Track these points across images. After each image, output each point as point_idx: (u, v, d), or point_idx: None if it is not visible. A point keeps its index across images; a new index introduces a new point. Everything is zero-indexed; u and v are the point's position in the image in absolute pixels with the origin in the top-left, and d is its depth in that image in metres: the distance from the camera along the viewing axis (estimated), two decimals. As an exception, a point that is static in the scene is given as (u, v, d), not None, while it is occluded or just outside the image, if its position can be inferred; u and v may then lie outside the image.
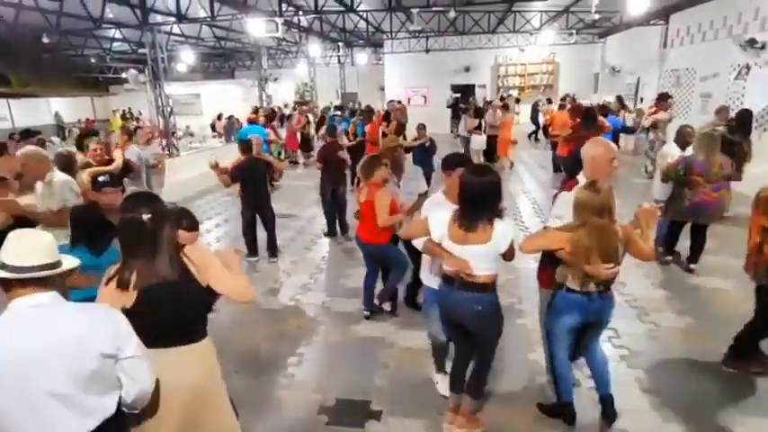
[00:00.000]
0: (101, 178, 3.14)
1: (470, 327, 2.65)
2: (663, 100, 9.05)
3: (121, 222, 1.88)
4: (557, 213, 2.79)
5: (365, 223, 4.02)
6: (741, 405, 3.05)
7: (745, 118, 6.75)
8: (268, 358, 3.77)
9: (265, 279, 5.35)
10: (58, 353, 1.43)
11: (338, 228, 6.66)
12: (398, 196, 4.03)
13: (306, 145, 13.24)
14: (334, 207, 6.59)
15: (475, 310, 2.54)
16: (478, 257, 2.46)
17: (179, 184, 10.71)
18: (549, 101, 15.49)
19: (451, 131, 17.11)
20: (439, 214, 2.58)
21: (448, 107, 17.64)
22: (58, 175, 3.68)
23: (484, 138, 10.81)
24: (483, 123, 11.01)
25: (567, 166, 7.88)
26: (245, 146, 5.73)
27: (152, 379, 1.65)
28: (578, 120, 7.61)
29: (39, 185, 3.63)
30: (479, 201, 2.42)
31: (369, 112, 10.60)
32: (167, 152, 10.83)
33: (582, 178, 2.76)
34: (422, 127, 8.14)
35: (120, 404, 1.60)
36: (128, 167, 5.92)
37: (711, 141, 4.63)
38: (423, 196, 4.03)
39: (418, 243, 2.77)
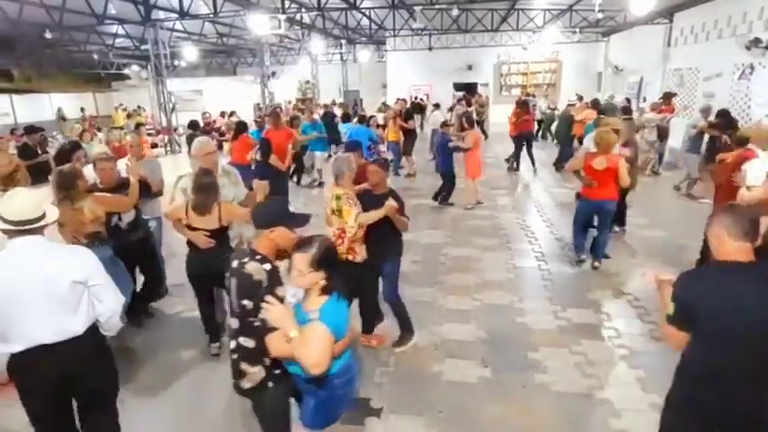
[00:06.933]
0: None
1: None
2: (667, 99, 9.04)
3: None
4: None
5: (601, 186, 4.86)
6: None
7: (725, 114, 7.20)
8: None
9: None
10: (42, 276, 2.02)
11: None
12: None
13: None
14: None
15: None
16: None
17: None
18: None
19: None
20: None
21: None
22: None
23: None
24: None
25: None
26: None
27: (119, 303, 2.21)
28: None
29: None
30: None
31: (275, 115, 8.31)
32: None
33: None
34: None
35: (97, 330, 2.21)
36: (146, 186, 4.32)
37: None
38: None
39: None
